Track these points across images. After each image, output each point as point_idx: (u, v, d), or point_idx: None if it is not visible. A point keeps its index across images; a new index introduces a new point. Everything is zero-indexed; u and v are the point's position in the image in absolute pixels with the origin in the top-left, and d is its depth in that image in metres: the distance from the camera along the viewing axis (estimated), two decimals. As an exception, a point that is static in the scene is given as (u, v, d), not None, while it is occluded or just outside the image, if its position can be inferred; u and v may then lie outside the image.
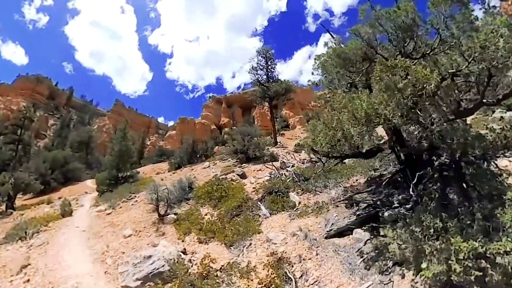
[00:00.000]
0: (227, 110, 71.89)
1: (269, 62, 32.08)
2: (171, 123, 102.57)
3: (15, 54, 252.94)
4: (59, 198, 20.64)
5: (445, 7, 5.75)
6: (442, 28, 5.93)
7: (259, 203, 10.76)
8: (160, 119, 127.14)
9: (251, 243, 7.50)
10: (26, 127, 27.58)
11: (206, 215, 10.22)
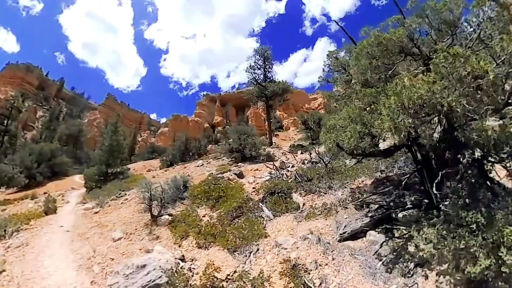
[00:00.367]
0: (221, 109, 70.83)
1: (266, 61, 31.49)
2: (163, 120, 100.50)
3: (6, 41, 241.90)
4: (44, 193, 19.29)
5: (487, 7, 5.31)
6: (482, 28, 5.48)
7: (261, 204, 10.14)
8: (153, 116, 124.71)
9: (258, 249, 6.88)
10: (14, 117, 26.05)
11: (204, 216, 9.42)
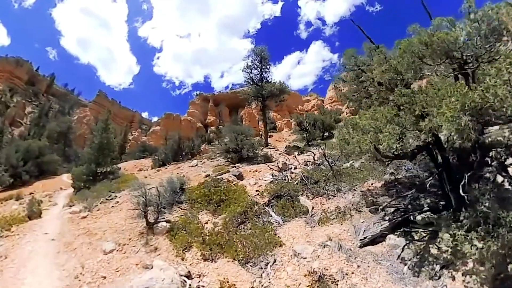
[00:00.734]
0: (214, 108, 69.57)
1: (263, 62, 30.70)
2: (155, 119, 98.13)
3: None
4: (31, 193, 17.83)
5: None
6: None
7: (267, 208, 9.33)
8: (144, 114, 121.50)
9: (275, 260, 6.20)
10: (1, 112, 24.34)
11: (206, 223, 8.50)
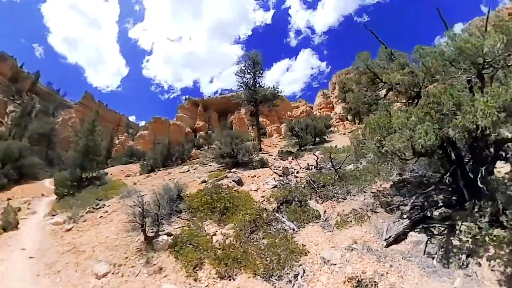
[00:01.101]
0: (203, 113, 68.09)
1: (256, 66, 29.98)
2: (142, 123, 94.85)
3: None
4: (9, 199, 15.95)
5: None
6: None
7: (278, 214, 8.71)
8: (132, 118, 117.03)
9: (304, 270, 5.71)
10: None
11: (215, 234, 7.45)
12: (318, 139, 32.78)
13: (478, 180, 5.63)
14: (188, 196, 10.49)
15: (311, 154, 22.29)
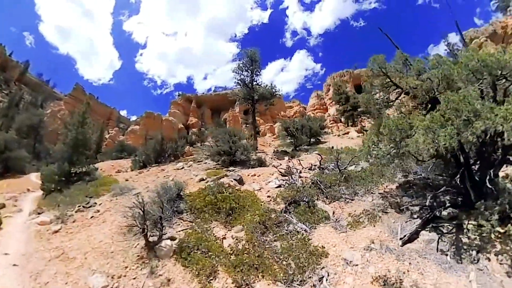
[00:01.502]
0: (196, 110, 66.65)
1: (254, 64, 29.15)
2: (133, 118, 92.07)
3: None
4: (-10, 194, 14.59)
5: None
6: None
7: (287, 215, 8.21)
8: (123, 113, 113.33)
9: (328, 272, 5.52)
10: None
11: (224, 238, 6.69)
12: (313, 139, 32.28)
13: (487, 181, 5.96)
14: (188, 196, 9.60)
15: (309, 155, 21.78)
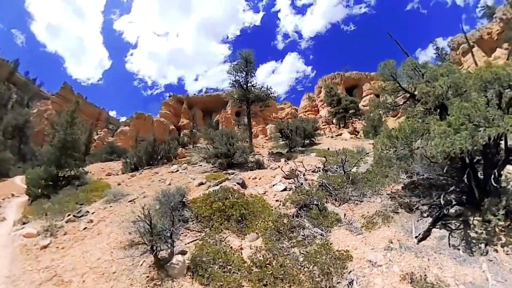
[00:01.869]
0: (187, 111, 65.19)
1: (249, 65, 28.50)
2: (123, 119, 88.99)
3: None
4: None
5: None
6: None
7: (299, 219, 7.82)
8: (112, 113, 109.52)
9: (357, 276, 5.47)
10: None
11: (241, 248, 6.00)
12: (307, 141, 31.91)
13: (492, 180, 6.38)
14: (193, 202, 8.76)
15: (306, 156, 21.24)
